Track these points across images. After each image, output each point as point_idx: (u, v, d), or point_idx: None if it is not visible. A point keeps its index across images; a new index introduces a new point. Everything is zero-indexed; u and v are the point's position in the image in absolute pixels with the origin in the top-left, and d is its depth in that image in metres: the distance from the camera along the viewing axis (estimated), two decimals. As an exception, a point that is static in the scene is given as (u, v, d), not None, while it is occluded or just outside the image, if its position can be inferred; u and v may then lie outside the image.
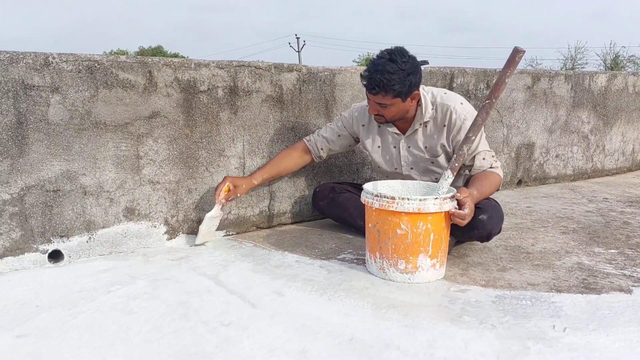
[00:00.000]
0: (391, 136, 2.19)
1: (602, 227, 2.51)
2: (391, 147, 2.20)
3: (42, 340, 1.38)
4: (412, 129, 2.12)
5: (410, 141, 2.15)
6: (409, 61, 1.93)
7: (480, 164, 2.05)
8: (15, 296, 1.65)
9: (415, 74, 1.94)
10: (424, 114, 2.07)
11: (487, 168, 2.05)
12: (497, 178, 2.04)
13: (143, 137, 2.07)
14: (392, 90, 1.91)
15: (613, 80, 3.91)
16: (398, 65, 1.89)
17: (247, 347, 1.34)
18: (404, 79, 1.91)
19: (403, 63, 1.90)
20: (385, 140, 2.22)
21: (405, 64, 1.91)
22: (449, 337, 1.40)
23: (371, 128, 2.24)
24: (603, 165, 4.02)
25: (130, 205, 2.08)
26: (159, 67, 2.07)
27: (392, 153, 2.21)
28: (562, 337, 1.40)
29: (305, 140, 2.36)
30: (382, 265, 1.81)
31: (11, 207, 1.84)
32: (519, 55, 1.76)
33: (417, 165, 2.18)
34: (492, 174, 2.04)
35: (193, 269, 1.91)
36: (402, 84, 1.91)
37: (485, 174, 2.03)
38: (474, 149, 2.03)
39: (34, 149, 1.85)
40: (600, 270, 1.91)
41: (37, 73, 1.83)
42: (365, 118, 2.24)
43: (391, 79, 1.89)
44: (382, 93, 1.93)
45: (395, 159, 2.21)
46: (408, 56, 1.94)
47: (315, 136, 2.35)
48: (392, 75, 1.89)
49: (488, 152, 2.07)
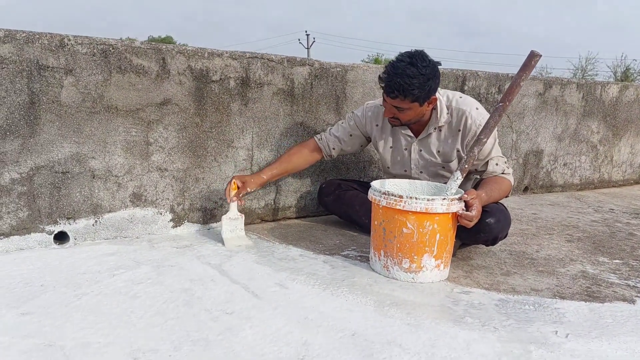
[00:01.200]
0: (404, 138, 2.17)
1: (607, 237, 2.50)
2: (403, 149, 2.18)
3: (46, 318, 1.39)
4: (426, 133, 2.11)
5: (423, 145, 2.14)
6: (429, 66, 1.90)
7: (492, 169, 2.04)
8: (21, 274, 1.66)
9: (434, 79, 1.91)
10: (439, 118, 2.05)
11: (499, 173, 2.04)
12: (507, 184, 2.03)
13: (153, 123, 2.07)
14: (411, 95, 1.89)
15: (625, 92, 3.89)
16: (418, 70, 1.86)
17: (249, 337, 1.35)
18: (423, 84, 1.88)
19: (423, 67, 1.87)
20: (397, 142, 2.19)
21: (425, 68, 1.88)
22: (451, 337, 1.39)
23: (384, 128, 2.21)
24: (610, 176, 4.01)
25: (137, 191, 2.09)
26: (172, 55, 2.08)
27: (404, 155, 2.19)
28: (564, 343, 1.39)
29: (317, 138, 2.32)
30: (386, 264, 1.81)
31: (20, 187, 1.85)
32: (535, 60, 1.76)
33: (427, 169, 2.17)
34: (504, 179, 2.03)
35: (197, 257, 1.91)
36: (421, 88, 1.88)
37: (496, 179, 2.02)
38: (486, 154, 2.02)
39: (45, 129, 1.86)
40: (604, 280, 1.91)
41: (52, 54, 1.83)
42: (379, 118, 2.22)
43: (411, 83, 1.86)
44: (401, 97, 1.90)
45: (406, 162, 2.19)
46: (428, 60, 1.91)
47: (327, 135, 2.31)
48: (412, 80, 1.86)
49: (501, 157, 2.06)
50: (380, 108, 2.20)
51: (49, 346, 1.26)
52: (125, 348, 1.26)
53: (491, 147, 2.02)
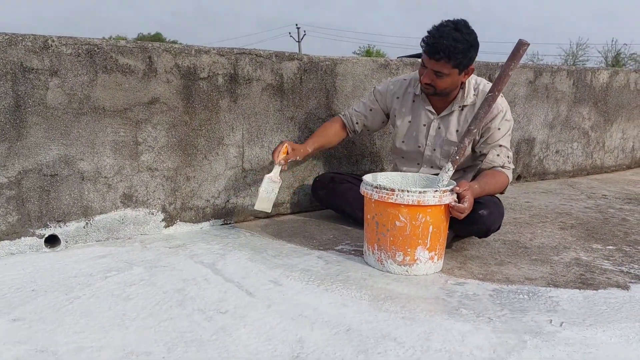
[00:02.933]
0: (424, 113, 2.17)
1: (600, 224, 2.51)
2: (421, 124, 2.18)
3: (38, 324, 1.37)
4: (449, 110, 2.11)
5: (443, 122, 2.14)
6: (472, 34, 1.92)
7: (492, 158, 2.04)
8: (12, 280, 1.64)
9: (476, 48, 1.93)
10: (465, 97, 2.08)
11: (498, 166, 2.04)
12: (504, 179, 2.03)
13: (142, 123, 2.05)
14: (454, 59, 1.89)
15: (615, 77, 3.90)
16: (463, 36, 1.88)
17: (243, 336, 1.34)
18: (466, 51, 1.90)
19: (467, 34, 1.90)
20: (416, 117, 2.19)
21: (469, 35, 1.90)
22: (445, 330, 1.39)
23: (405, 102, 2.21)
24: (602, 162, 4.02)
25: (128, 192, 2.07)
26: (159, 53, 2.05)
27: (421, 131, 2.18)
28: (558, 331, 1.40)
29: (341, 115, 2.35)
30: (380, 257, 1.81)
31: (8, 191, 1.83)
32: (524, 48, 1.75)
33: (442, 147, 2.16)
34: (501, 174, 2.03)
35: (190, 256, 1.90)
36: (464, 55, 1.90)
37: (493, 173, 2.02)
38: (496, 139, 2.04)
39: (32, 132, 1.84)
40: (597, 266, 1.91)
41: (36, 56, 1.81)
42: (401, 91, 2.22)
43: (456, 47, 1.87)
44: (445, 60, 1.90)
45: (422, 138, 2.19)
46: (471, 29, 1.93)
47: (350, 110, 2.34)
48: (457, 44, 1.87)
49: (506, 150, 2.06)
50: (403, 82, 2.22)
51: (41, 352, 1.25)
52: (118, 351, 1.26)
53: (501, 135, 2.05)
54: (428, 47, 1.91)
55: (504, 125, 2.05)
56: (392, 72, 2.74)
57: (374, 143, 2.78)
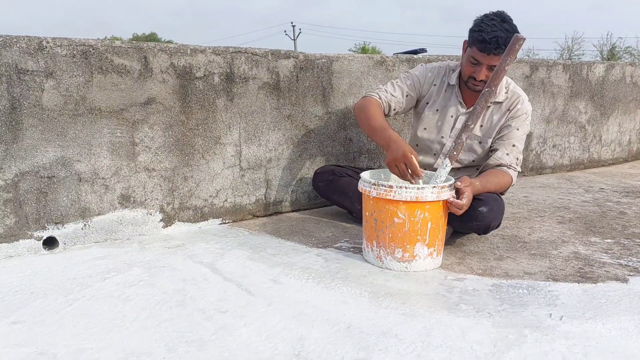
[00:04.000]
0: (455, 106, 2.19)
1: (598, 217, 2.51)
2: (449, 115, 2.20)
3: (37, 326, 1.37)
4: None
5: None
6: (514, 24, 1.96)
7: (501, 155, 2.07)
8: (10, 283, 1.64)
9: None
10: (497, 94, 2.10)
11: (505, 165, 2.05)
12: (507, 179, 2.05)
13: (138, 123, 2.05)
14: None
15: (611, 71, 3.90)
16: (511, 27, 1.93)
17: (244, 335, 1.34)
18: None
19: (513, 25, 1.94)
20: (446, 107, 2.21)
21: (514, 25, 1.94)
22: (446, 325, 1.39)
23: (439, 91, 2.23)
24: (600, 156, 4.03)
25: (125, 193, 2.06)
26: (154, 53, 2.05)
27: (448, 122, 2.21)
28: (558, 325, 1.40)
29: (376, 98, 2.19)
30: (379, 254, 1.81)
31: (5, 193, 1.82)
32: (519, 43, 1.75)
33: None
34: (505, 174, 2.04)
35: (189, 256, 1.90)
36: None
37: (497, 172, 2.03)
38: (512, 138, 2.08)
39: (28, 134, 1.83)
40: (596, 260, 1.92)
41: (30, 57, 1.80)
42: (438, 78, 2.24)
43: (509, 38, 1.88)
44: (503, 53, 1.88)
45: (447, 129, 2.21)
46: (511, 18, 1.97)
47: (385, 94, 2.20)
48: (510, 35, 1.89)
49: (517, 151, 2.09)
50: (439, 69, 2.25)
51: (41, 354, 1.24)
52: (118, 352, 1.25)
53: (518, 136, 2.09)
54: (487, 43, 1.93)
55: (523, 127, 2.11)
56: (388, 69, 2.74)
57: (371, 140, 2.78)
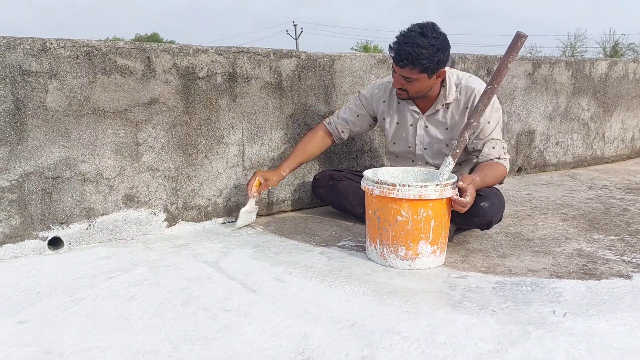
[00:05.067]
0: (410, 114, 2.17)
1: (601, 214, 2.51)
2: (408, 125, 2.19)
3: (43, 326, 1.38)
4: (434, 109, 2.12)
5: (430, 121, 2.15)
6: (440, 37, 1.91)
7: (488, 151, 2.05)
8: (16, 283, 1.65)
9: (444, 51, 1.92)
10: (447, 95, 2.07)
11: (495, 158, 2.04)
12: (502, 169, 2.04)
13: (142, 123, 2.06)
14: (419, 65, 1.89)
15: (613, 67, 3.89)
16: (428, 40, 1.87)
17: (248, 333, 1.35)
18: (432, 55, 1.89)
19: (433, 38, 1.88)
20: (403, 118, 2.20)
21: (435, 39, 1.89)
22: (449, 323, 1.40)
23: (391, 105, 2.22)
24: (603, 153, 4.02)
25: (129, 193, 2.07)
26: (157, 53, 2.05)
27: (409, 131, 2.20)
28: (562, 322, 1.40)
29: (325, 123, 2.35)
30: (382, 252, 1.81)
31: (10, 194, 1.83)
32: (522, 41, 1.75)
33: (431, 146, 2.18)
34: (499, 165, 2.03)
35: (193, 256, 1.91)
36: (430, 59, 1.89)
37: (491, 164, 2.02)
38: (487, 134, 2.04)
39: (32, 135, 1.84)
40: (600, 257, 1.92)
41: (34, 59, 1.81)
42: (386, 94, 2.23)
43: (420, 52, 1.87)
44: (410, 67, 1.90)
45: (411, 138, 2.20)
46: (439, 32, 1.92)
47: (335, 119, 2.33)
48: (421, 50, 1.86)
49: (499, 142, 2.06)
50: (388, 85, 2.22)
51: (48, 353, 1.25)
52: (124, 351, 1.26)
53: (492, 129, 2.04)
54: (393, 53, 1.93)
55: (493, 117, 2.05)
56: (390, 67, 2.74)
57: (374, 139, 2.78)
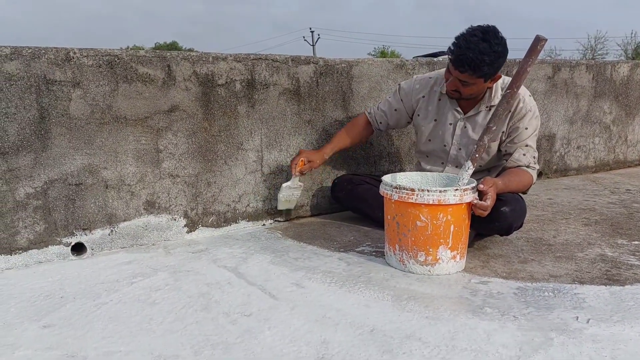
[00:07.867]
0: (451, 113, 2.15)
1: (625, 219, 2.47)
2: (447, 123, 2.17)
3: (67, 330, 1.40)
4: (476, 110, 2.10)
5: (470, 122, 2.13)
6: (501, 43, 1.88)
7: (518, 156, 2.03)
8: (41, 288, 1.68)
9: (504, 57, 1.90)
10: (492, 98, 2.06)
11: (523, 165, 2.03)
12: (528, 178, 2.02)
13: (162, 130, 2.09)
14: (480, 71, 1.87)
15: (636, 70, 3.83)
16: (491, 47, 1.84)
17: (268, 338, 1.35)
18: (494, 62, 1.86)
19: (496, 45, 1.85)
20: (442, 115, 2.18)
21: (498, 45, 1.86)
22: (470, 329, 1.39)
23: (431, 101, 2.20)
24: (625, 157, 3.95)
25: (150, 199, 2.10)
26: (177, 61, 2.08)
27: (447, 130, 2.17)
28: (585, 328, 1.38)
29: (367, 113, 2.40)
30: (401, 258, 1.81)
31: (35, 201, 1.87)
32: (541, 44, 1.74)
33: (467, 147, 2.15)
34: (525, 172, 2.01)
35: (213, 261, 1.92)
36: (491, 66, 1.87)
37: (517, 171, 2.01)
38: (523, 139, 2.03)
39: (56, 143, 1.88)
40: (623, 262, 1.88)
41: (58, 68, 1.85)
42: (426, 89, 2.21)
43: (482, 59, 1.84)
44: (470, 72, 1.88)
45: (449, 137, 2.18)
46: (500, 37, 1.88)
47: (375, 109, 2.37)
48: (484, 56, 1.84)
49: (532, 150, 2.05)
50: (429, 80, 2.21)
51: (72, 357, 1.27)
52: (146, 355, 1.28)
53: (528, 135, 2.04)
54: (453, 57, 1.89)
55: (532, 124, 2.04)
56: (408, 72, 2.73)
57: (392, 143, 2.78)
